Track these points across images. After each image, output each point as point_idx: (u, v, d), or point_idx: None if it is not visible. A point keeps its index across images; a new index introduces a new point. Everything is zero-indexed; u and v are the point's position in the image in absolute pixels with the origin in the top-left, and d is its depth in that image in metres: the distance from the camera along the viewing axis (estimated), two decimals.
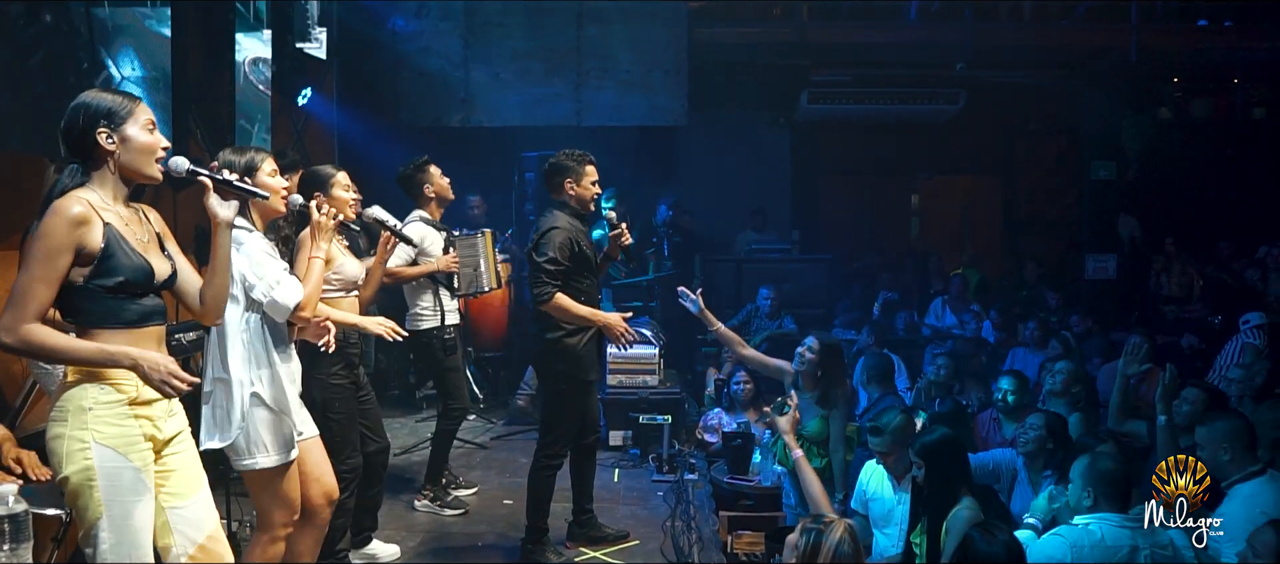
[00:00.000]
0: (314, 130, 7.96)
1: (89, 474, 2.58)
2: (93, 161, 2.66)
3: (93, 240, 2.57)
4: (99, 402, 2.60)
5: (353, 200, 4.18)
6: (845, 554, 3.00)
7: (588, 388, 4.63)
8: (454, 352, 5.36)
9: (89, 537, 2.62)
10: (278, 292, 3.28)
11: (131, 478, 2.63)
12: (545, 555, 4.55)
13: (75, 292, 2.60)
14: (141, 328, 2.69)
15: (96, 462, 2.58)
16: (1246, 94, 11.29)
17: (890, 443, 4.47)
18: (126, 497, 2.62)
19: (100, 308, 2.62)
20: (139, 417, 2.66)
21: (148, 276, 2.69)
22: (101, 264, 2.59)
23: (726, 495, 5.76)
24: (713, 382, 7.54)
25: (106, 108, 2.65)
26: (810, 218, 11.95)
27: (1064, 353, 6.73)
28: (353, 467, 4.13)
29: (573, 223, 4.50)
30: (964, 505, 3.82)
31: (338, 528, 4.12)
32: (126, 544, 2.62)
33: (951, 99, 10.60)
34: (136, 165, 2.70)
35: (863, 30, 10.17)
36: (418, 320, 5.28)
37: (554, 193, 4.59)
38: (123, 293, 2.64)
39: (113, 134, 2.65)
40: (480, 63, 9.27)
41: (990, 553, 3.25)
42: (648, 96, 9.40)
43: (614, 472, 6.05)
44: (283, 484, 3.35)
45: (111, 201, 2.68)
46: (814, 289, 9.81)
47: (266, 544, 3.36)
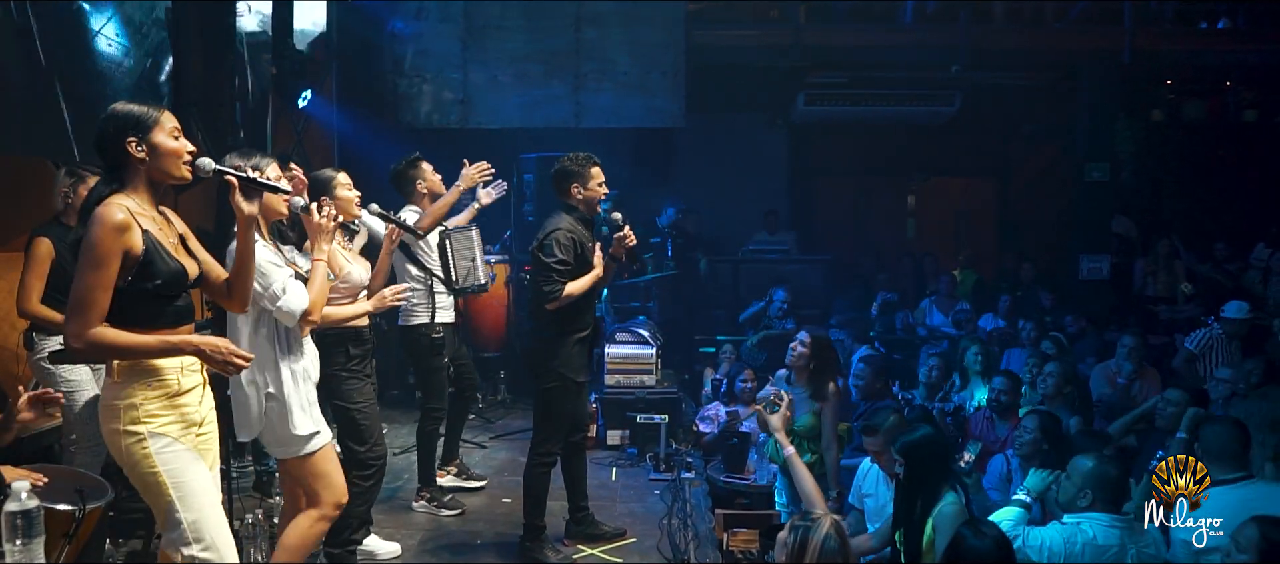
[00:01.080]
0: (314, 132, 8.01)
1: (151, 463, 2.76)
2: (125, 170, 2.78)
3: (135, 245, 2.69)
4: (147, 396, 2.76)
5: (356, 199, 4.24)
6: (831, 550, 3.06)
7: (579, 389, 4.69)
8: (441, 352, 5.37)
9: (168, 520, 2.80)
10: (284, 299, 3.38)
11: (188, 459, 2.82)
12: (543, 553, 4.61)
13: (119, 295, 2.71)
14: (179, 326, 2.85)
15: (154, 450, 2.76)
16: (1238, 97, 11.40)
17: (883, 442, 4.53)
18: (190, 476, 2.81)
19: (142, 310, 2.76)
20: (183, 404, 2.83)
21: (182, 278, 2.83)
22: (143, 268, 2.72)
23: (723, 494, 5.83)
24: (710, 382, 7.60)
25: (134, 118, 2.76)
26: (807, 219, 12.03)
27: (1056, 353, 6.80)
28: (379, 455, 4.23)
29: (577, 225, 4.58)
30: (948, 501, 3.87)
31: (357, 516, 4.20)
32: (203, 518, 2.82)
33: (947, 101, 10.66)
34: (166, 169, 2.81)
35: (859, 33, 10.26)
36: (409, 315, 5.31)
37: (562, 196, 4.66)
38: (162, 295, 2.78)
39: (142, 142, 2.76)
40: (479, 65, 9.33)
41: (981, 549, 3.31)
42: (645, 98, 9.47)
43: (612, 470, 6.11)
44: (324, 467, 3.52)
45: (146, 207, 2.80)
46: (811, 290, 9.89)
47: (315, 520, 3.53)
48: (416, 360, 5.43)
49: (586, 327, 4.62)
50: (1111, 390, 6.45)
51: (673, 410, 6.49)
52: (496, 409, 7.67)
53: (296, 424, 3.45)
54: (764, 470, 5.88)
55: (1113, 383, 6.49)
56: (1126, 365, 6.44)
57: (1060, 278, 10.60)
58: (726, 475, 6.02)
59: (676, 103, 9.46)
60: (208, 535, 2.80)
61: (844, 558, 3.15)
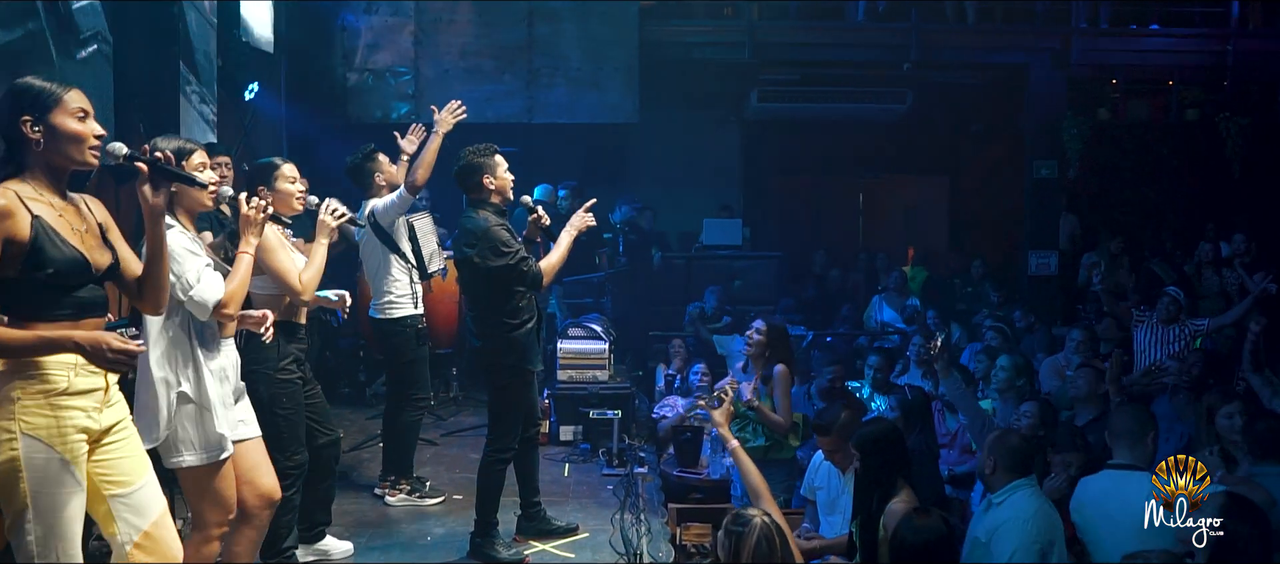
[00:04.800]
0: (261, 126, 7.88)
1: (14, 465, 2.56)
2: (21, 151, 2.64)
3: (18, 231, 2.54)
4: (26, 392, 2.57)
5: (299, 192, 4.11)
6: (763, 554, 3.07)
7: (532, 379, 4.66)
8: (425, 342, 5.31)
9: (16, 528, 2.59)
10: (196, 289, 3.19)
11: (59, 469, 2.60)
12: (495, 549, 4.55)
13: (8, 284, 2.57)
14: (78, 320, 2.66)
15: (22, 452, 2.56)
16: (1180, 96, 11.67)
17: (836, 440, 4.58)
18: (54, 488, 2.59)
19: (35, 300, 2.60)
20: (70, 407, 2.63)
21: (81, 267, 2.66)
22: (30, 256, 2.56)
23: (676, 488, 5.82)
24: (663, 376, 7.59)
25: (32, 96, 2.62)
26: (760, 216, 12.07)
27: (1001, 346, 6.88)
28: (299, 463, 4.06)
29: (500, 217, 4.49)
30: (898, 499, 3.91)
31: (284, 525, 4.07)
32: (54, 536, 2.60)
33: (899, 99, 10.79)
34: (66, 153, 2.67)
35: (811, 30, 10.34)
36: (390, 308, 5.21)
37: (473, 193, 4.52)
38: (57, 284, 2.61)
39: (37, 122, 2.62)
40: (430, 60, 9.26)
41: (916, 542, 3.39)
42: (599, 94, 9.46)
43: (564, 466, 6.07)
44: (215, 483, 3.28)
45: (44, 192, 2.65)
46: (763, 286, 9.93)
47: (200, 544, 3.31)
48: (398, 353, 5.29)
49: (531, 316, 4.55)
50: (1061, 384, 6.54)
51: (626, 405, 6.47)
52: (448, 406, 7.59)
53: (219, 424, 3.24)
54: (717, 465, 5.88)
55: (1061, 376, 6.59)
56: (1075, 358, 6.53)
57: (1009, 274, 10.77)
58: (680, 469, 6.02)
59: (630, 99, 9.46)
60: (53, 555, 2.59)
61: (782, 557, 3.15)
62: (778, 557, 3.13)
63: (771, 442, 5.55)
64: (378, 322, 5.28)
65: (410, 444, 5.40)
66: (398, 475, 5.37)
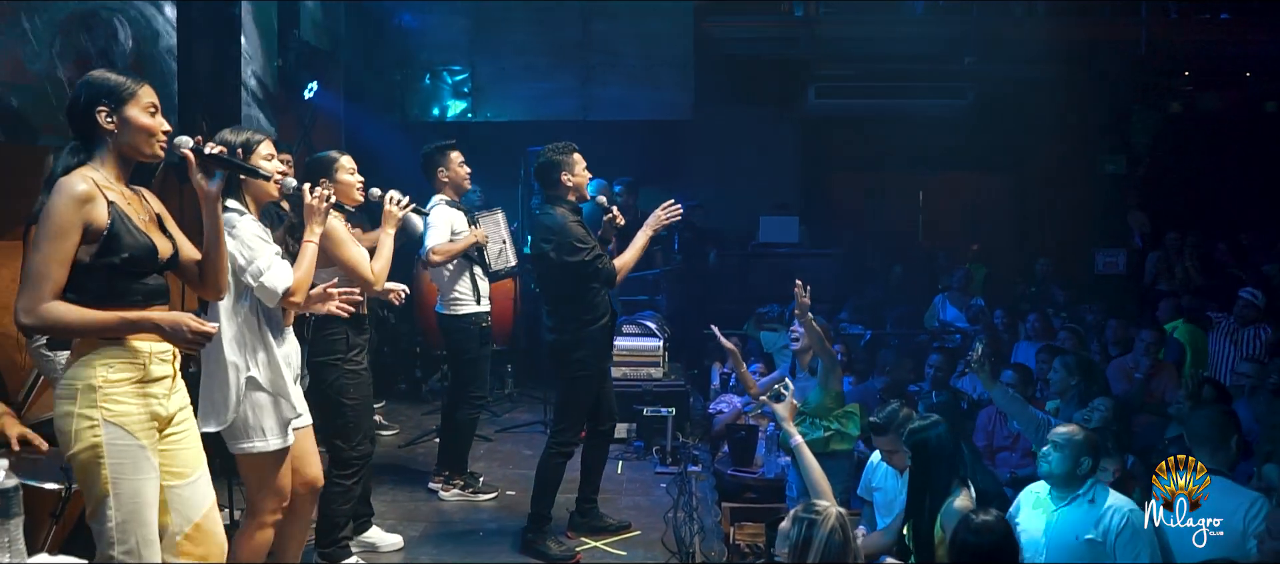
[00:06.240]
0: (321, 124, 7.98)
1: (97, 452, 2.61)
2: (94, 141, 2.70)
3: (99, 217, 2.60)
4: (108, 380, 2.63)
5: (359, 183, 4.16)
6: (836, 547, 2.99)
7: (605, 374, 4.71)
8: (489, 341, 5.35)
9: (97, 513, 2.65)
10: (267, 276, 3.24)
11: (138, 456, 2.66)
12: (546, 544, 4.55)
13: (82, 270, 2.62)
14: (147, 308, 2.71)
15: (105, 439, 2.61)
16: (1258, 88, 11.21)
17: (893, 440, 4.48)
18: (133, 474, 2.65)
19: (107, 287, 2.65)
20: (146, 395, 2.69)
21: (152, 254, 2.71)
22: (107, 242, 2.62)
23: (730, 487, 5.78)
24: (718, 374, 7.53)
25: (109, 87, 2.68)
26: (819, 213, 11.91)
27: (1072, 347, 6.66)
28: (363, 453, 4.13)
29: (575, 214, 4.57)
30: (956, 497, 3.81)
31: (342, 514, 4.14)
32: (133, 521, 2.65)
33: (959, 94, 10.55)
34: (136, 145, 2.72)
35: (869, 24, 10.13)
36: (455, 305, 5.25)
37: (551, 189, 4.61)
38: (128, 271, 2.67)
39: (113, 114, 2.67)
40: (486, 57, 9.30)
41: (977, 544, 3.32)
42: (654, 91, 9.42)
43: (618, 464, 6.05)
44: (276, 470, 3.35)
45: (113, 181, 2.71)
46: (822, 283, 9.77)
47: (254, 531, 3.37)
48: (461, 350, 5.32)
49: (606, 313, 4.63)
50: (1129, 386, 6.34)
51: (680, 403, 6.43)
52: (503, 403, 7.62)
53: (285, 411, 3.31)
54: (772, 464, 5.81)
55: (1129, 378, 6.38)
56: (1144, 361, 6.32)
57: (1076, 273, 10.48)
58: (733, 468, 5.96)
59: (686, 95, 9.41)
60: (133, 541, 2.65)
61: (849, 554, 3.08)
62: (850, 551, 3.06)
63: (831, 432, 5.44)
64: (443, 317, 5.32)
65: (466, 441, 5.43)
66: (452, 471, 5.40)
